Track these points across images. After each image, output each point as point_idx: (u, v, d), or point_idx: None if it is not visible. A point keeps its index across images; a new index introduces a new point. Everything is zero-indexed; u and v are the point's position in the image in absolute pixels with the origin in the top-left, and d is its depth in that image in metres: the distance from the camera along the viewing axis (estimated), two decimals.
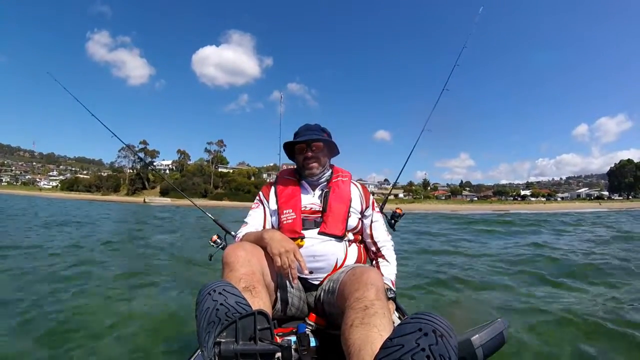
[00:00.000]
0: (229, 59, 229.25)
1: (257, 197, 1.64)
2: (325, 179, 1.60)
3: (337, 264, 1.42)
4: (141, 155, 63.04)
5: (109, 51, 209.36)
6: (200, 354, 0.96)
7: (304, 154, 1.55)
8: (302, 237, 1.43)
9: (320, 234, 1.44)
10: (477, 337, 1.00)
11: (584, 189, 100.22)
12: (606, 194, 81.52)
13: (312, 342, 1.10)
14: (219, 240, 2.02)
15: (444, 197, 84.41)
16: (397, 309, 1.60)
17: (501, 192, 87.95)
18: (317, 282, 1.43)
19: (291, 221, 1.47)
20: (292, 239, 1.37)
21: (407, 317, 0.79)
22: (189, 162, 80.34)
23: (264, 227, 1.56)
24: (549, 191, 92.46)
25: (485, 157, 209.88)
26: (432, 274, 4.72)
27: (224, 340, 0.82)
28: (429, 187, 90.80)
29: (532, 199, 77.77)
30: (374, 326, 0.92)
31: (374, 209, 1.64)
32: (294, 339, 1.09)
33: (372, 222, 1.63)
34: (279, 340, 0.95)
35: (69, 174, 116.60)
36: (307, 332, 1.16)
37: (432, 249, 7.38)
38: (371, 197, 1.65)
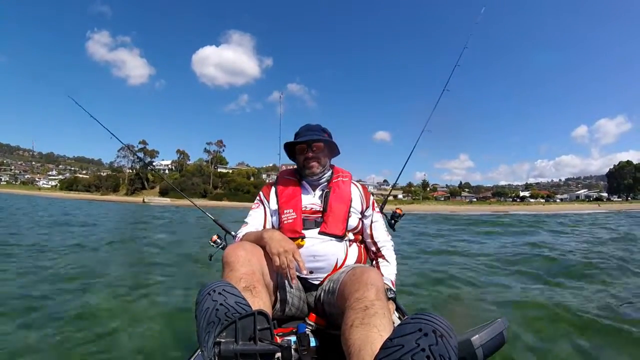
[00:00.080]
0: (229, 59, 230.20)
1: (258, 197, 1.64)
2: (325, 179, 1.60)
3: (337, 264, 1.42)
4: (140, 155, 62.95)
5: (109, 51, 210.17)
6: (200, 354, 0.96)
7: (305, 154, 1.55)
8: (303, 237, 1.43)
9: (320, 233, 1.44)
10: (477, 337, 1.00)
11: (583, 191, 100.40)
12: (605, 195, 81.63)
13: (312, 342, 1.10)
14: (219, 240, 2.02)
15: (443, 198, 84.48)
16: (397, 309, 1.60)
17: (500, 194, 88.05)
18: (317, 282, 1.42)
19: (292, 221, 1.47)
20: (293, 239, 1.38)
21: (407, 317, 0.79)
22: (188, 162, 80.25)
23: (264, 227, 1.56)
24: (548, 192, 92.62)
25: (484, 159, 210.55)
26: (432, 274, 4.72)
27: (223, 340, 0.82)
28: (428, 188, 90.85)
29: (531, 200, 77.86)
30: (374, 326, 0.92)
31: (374, 209, 1.64)
32: (294, 339, 1.09)
33: (372, 222, 1.62)
34: (278, 340, 0.95)
35: (68, 174, 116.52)
36: (307, 332, 1.16)
37: (431, 249, 7.38)
38: (371, 198, 1.65)
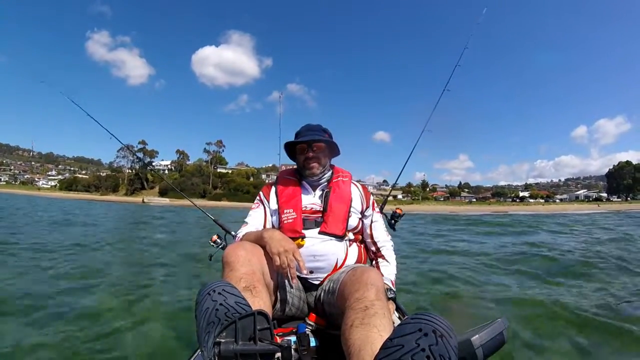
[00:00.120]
0: (229, 59, 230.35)
1: (258, 197, 1.64)
2: (325, 179, 1.60)
3: (337, 263, 1.42)
4: (140, 155, 62.83)
5: (109, 51, 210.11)
6: (200, 354, 0.96)
7: (305, 154, 1.55)
8: (303, 237, 1.43)
9: (320, 233, 1.44)
10: (477, 337, 1.00)
11: (582, 191, 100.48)
12: (605, 195, 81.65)
13: (312, 342, 1.10)
14: (219, 240, 2.02)
15: (442, 199, 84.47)
16: (397, 309, 1.60)
17: (500, 194, 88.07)
18: (317, 282, 1.42)
19: (292, 221, 1.47)
20: (293, 239, 1.38)
21: (407, 317, 0.79)
22: (187, 163, 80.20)
23: (264, 227, 1.56)
24: (548, 193, 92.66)
25: (484, 159, 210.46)
26: (431, 273, 4.73)
27: (223, 340, 0.82)
28: (428, 189, 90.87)
29: (531, 201, 77.86)
30: (374, 326, 0.92)
31: (374, 209, 1.65)
32: (293, 339, 1.09)
33: (372, 222, 1.63)
34: (278, 340, 0.95)
35: (67, 174, 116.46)
36: (307, 332, 1.16)
37: (430, 249, 7.38)
38: (371, 198, 1.65)
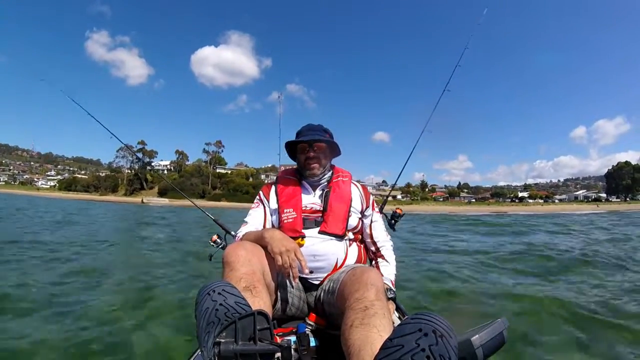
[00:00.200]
0: (228, 60, 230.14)
1: (257, 197, 1.64)
2: (326, 179, 1.60)
3: (337, 263, 1.42)
4: (139, 155, 62.81)
5: (108, 51, 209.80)
6: (200, 354, 0.96)
7: (306, 153, 1.55)
8: (303, 237, 1.42)
9: (320, 233, 1.44)
10: (477, 337, 1.00)
11: (581, 191, 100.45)
12: (604, 196, 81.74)
13: (312, 342, 1.10)
14: (219, 240, 2.02)
15: (441, 199, 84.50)
16: (397, 309, 1.59)
17: (499, 194, 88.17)
18: (317, 282, 1.42)
19: (292, 220, 1.47)
20: (293, 238, 1.37)
21: (407, 317, 0.79)
22: (187, 163, 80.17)
23: (264, 226, 1.56)
24: (547, 193, 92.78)
25: (483, 159, 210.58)
26: (431, 273, 4.74)
27: (223, 340, 0.82)
28: (427, 189, 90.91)
29: (530, 201, 77.93)
30: (373, 327, 0.92)
31: (373, 209, 1.65)
32: (293, 339, 1.09)
33: (371, 222, 1.62)
34: (278, 340, 0.95)
35: (66, 174, 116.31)
36: (307, 332, 1.16)
37: (430, 248, 7.40)
38: (371, 197, 1.65)
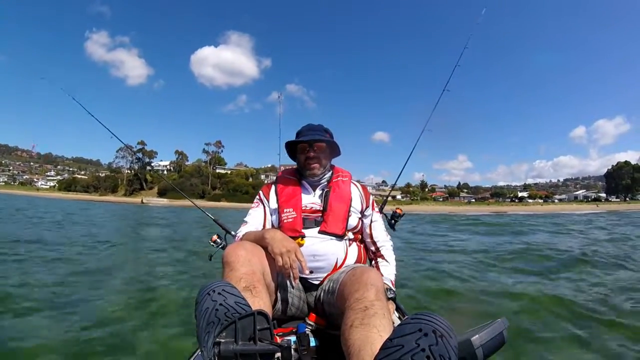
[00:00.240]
0: (228, 60, 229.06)
1: (257, 197, 1.64)
2: (326, 179, 1.60)
3: (337, 263, 1.42)
4: (139, 155, 62.81)
5: (108, 51, 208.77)
6: (200, 354, 0.96)
7: (306, 153, 1.55)
8: (303, 236, 1.42)
9: (320, 232, 1.44)
10: (477, 337, 1.00)
11: (581, 191, 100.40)
12: (604, 195, 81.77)
13: (312, 342, 1.10)
14: (219, 240, 2.02)
15: (441, 199, 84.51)
16: (397, 309, 1.59)
17: (499, 194, 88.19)
18: (317, 282, 1.42)
19: (292, 220, 1.47)
20: (292, 238, 1.37)
21: (407, 317, 0.79)
22: (186, 163, 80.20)
23: (264, 226, 1.56)
24: (547, 193, 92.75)
25: (483, 159, 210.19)
26: (431, 273, 4.74)
27: (223, 340, 0.82)
28: (427, 189, 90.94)
29: (530, 201, 77.95)
30: (373, 327, 0.92)
31: (373, 208, 1.65)
32: (293, 339, 1.09)
33: (371, 221, 1.63)
34: (278, 340, 0.95)
35: (66, 174, 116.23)
36: (307, 332, 1.16)
37: (429, 248, 7.40)
38: (371, 197, 1.65)
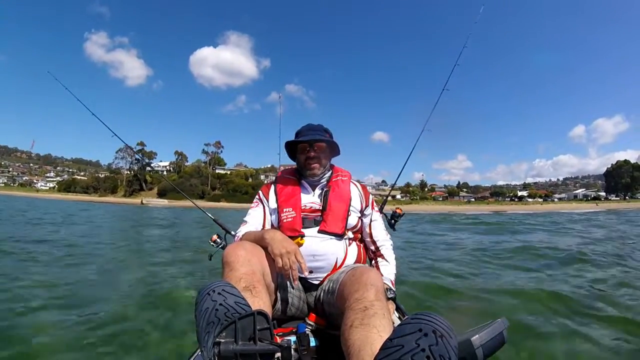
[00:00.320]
0: (227, 60, 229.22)
1: (257, 197, 1.64)
2: (325, 179, 1.60)
3: (337, 263, 1.42)
4: (139, 156, 62.93)
5: (107, 52, 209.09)
6: (200, 354, 0.96)
7: (306, 153, 1.55)
8: (302, 236, 1.42)
9: (320, 232, 1.44)
10: (477, 337, 1.00)
11: (581, 190, 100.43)
12: (603, 194, 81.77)
13: (312, 342, 1.10)
14: (219, 239, 2.02)
15: (441, 198, 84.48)
16: (397, 309, 1.59)
17: (498, 193, 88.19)
18: (317, 282, 1.42)
19: (291, 219, 1.47)
20: (292, 238, 1.37)
21: (407, 317, 0.79)
22: (186, 164, 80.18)
23: (264, 226, 1.56)
24: (546, 192, 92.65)
25: (482, 159, 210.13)
26: (430, 272, 4.74)
27: (223, 340, 0.82)
28: (427, 188, 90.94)
29: (529, 200, 77.94)
30: (373, 327, 0.92)
31: (373, 208, 1.65)
32: (293, 339, 1.09)
33: (371, 221, 1.63)
34: (278, 340, 0.95)
35: (66, 175, 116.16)
36: (307, 332, 1.16)
37: (429, 248, 7.40)
38: (370, 197, 1.65)
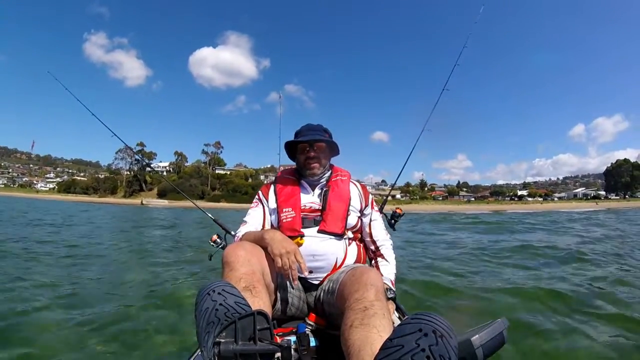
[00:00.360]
0: (226, 60, 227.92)
1: (257, 197, 1.64)
2: (325, 178, 1.60)
3: (336, 263, 1.42)
4: (139, 157, 62.91)
5: (106, 52, 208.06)
6: (200, 354, 0.96)
7: (306, 153, 1.55)
8: (302, 236, 1.42)
9: (319, 232, 1.44)
10: (477, 337, 1.00)
11: (580, 189, 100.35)
12: (603, 193, 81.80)
13: (312, 342, 1.10)
14: (218, 240, 2.02)
15: (441, 198, 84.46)
16: (397, 309, 1.59)
17: (498, 193, 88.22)
18: (316, 282, 1.42)
19: (291, 219, 1.47)
20: (292, 237, 1.37)
21: (407, 317, 0.79)
22: (186, 164, 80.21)
23: (264, 226, 1.56)
24: (546, 191, 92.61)
25: (482, 158, 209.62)
26: (430, 271, 4.74)
27: (223, 340, 0.82)
28: (426, 188, 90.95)
29: (529, 199, 78.02)
30: (373, 327, 0.92)
31: (372, 207, 1.65)
32: (293, 339, 1.09)
33: (371, 220, 1.63)
34: (278, 340, 0.95)
35: (65, 176, 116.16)
36: (307, 332, 1.16)
37: (429, 247, 7.41)
38: (370, 196, 1.65)
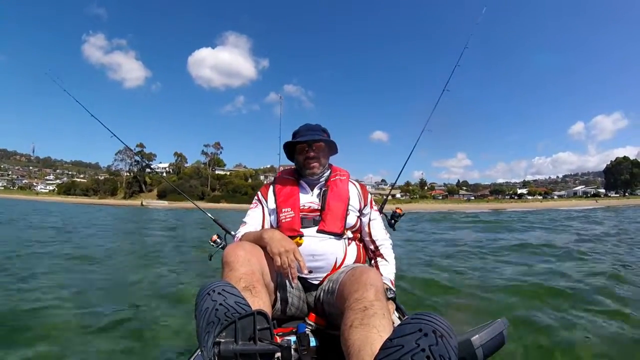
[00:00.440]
0: (225, 61, 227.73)
1: (256, 197, 1.64)
2: (324, 178, 1.61)
3: (336, 263, 1.42)
4: (139, 158, 62.98)
5: (105, 54, 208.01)
6: (200, 354, 0.96)
7: (306, 153, 1.56)
8: (301, 236, 1.42)
9: (319, 232, 1.44)
10: (477, 337, 1.00)
11: (580, 187, 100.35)
12: (603, 191, 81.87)
13: (311, 342, 1.10)
14: (218, 240, 2.03)
15: (441, 197, 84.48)
16: (397, 309, 1.59)
17: (498, 191, 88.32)
18: (316, 282, 1.42)
19: (290, 219, 1.47)
20: (291, 237, 1.37)
21: (407, 317, 0.78)
22: (185, 165, 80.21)
23: (263, 226, 1.56)
24: (546, 189, 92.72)
25: (482, 157, 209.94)
26: (430, 270, 4.74)
27: (223, 340, 0.82)
28: (426, 187, 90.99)
29: (529, 198, 78.06)
30: (373, 327, 0.92)
31: (372, 207, 1.65)
32: (293, 339, 1.09)
33: (370, 220, 1.63)
34: (278, 340, 0.95)
35: (65, 178, 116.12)
36: (306, 332, 1.16)
37: (429, 247, 7.41)
38: (369, 196, 1.65)
